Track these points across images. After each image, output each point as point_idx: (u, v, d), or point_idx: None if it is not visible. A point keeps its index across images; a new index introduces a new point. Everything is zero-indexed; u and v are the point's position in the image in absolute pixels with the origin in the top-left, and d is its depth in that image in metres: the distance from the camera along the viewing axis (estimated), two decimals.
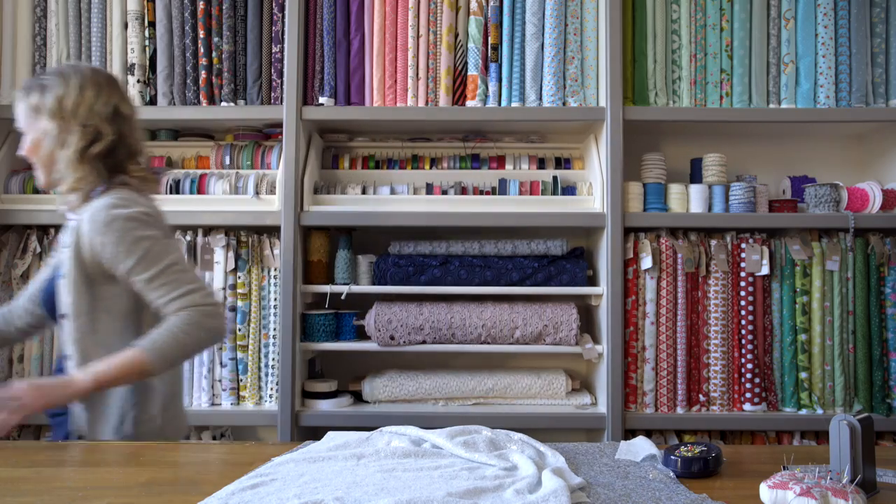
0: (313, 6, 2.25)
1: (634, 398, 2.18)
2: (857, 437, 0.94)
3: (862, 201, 2.21)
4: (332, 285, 2.23)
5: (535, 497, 0.94)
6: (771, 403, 2.17)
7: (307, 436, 2.09)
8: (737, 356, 2.17)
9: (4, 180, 2.28)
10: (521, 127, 2.37)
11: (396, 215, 2.20)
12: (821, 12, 2.20)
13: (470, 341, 2.19)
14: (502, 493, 0.96)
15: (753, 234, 2.21)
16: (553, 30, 2.20)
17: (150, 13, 2.26)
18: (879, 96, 2.23)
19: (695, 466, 1.09)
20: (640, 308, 2.18)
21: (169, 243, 1.37)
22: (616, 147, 2.16)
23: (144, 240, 1.32)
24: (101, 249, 1.32)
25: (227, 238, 2.20)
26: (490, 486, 0.99)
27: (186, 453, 1.26)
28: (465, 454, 1.15)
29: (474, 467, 1.10)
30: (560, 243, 2.25)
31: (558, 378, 2.23)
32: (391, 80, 2.24)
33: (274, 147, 2.33)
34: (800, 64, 2.22)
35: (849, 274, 2.18)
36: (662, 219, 2.20)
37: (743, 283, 2.17)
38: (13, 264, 2.23)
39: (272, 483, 1.02)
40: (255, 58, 2.23)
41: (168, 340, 1.28)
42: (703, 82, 2.23)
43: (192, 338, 1.30)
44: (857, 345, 2.16)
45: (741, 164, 2.48)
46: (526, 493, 0.96)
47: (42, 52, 2.30)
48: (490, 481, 1.01)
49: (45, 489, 0.98)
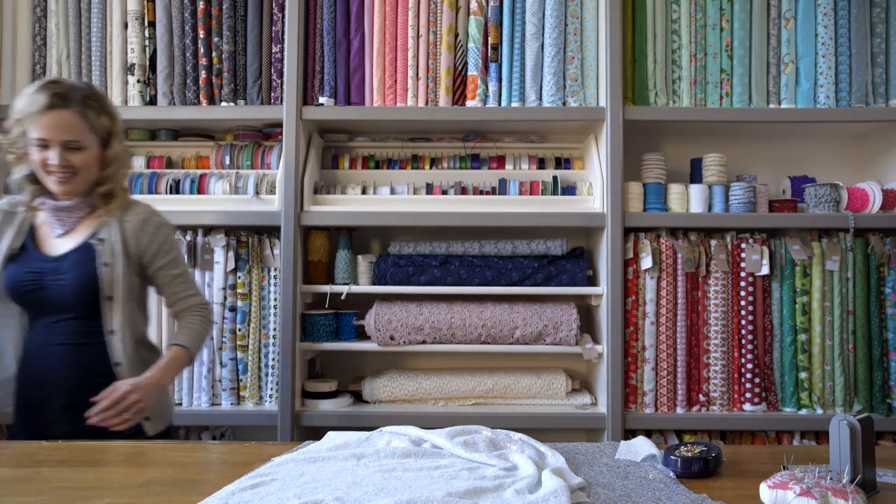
0: (313, 6, 2.25)
1: (634, 398, 2.18)
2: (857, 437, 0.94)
3: (862, 201, 2.21)
4: (332, 285, 2.23)
5: (535, 497, 0.94)
6: (771, 403, 2.17)
7: (307, 436, 2.09)
8: (737, 356, 2.17)
9: (4, 180, 2.28)
10: (521, 127, 2.37)
11: (396, 215, 2.20)
12: (821, 12, 2.20)
13: (470, 341, 2.19)
14: (502, 493, 0.96)
15: (753, 234, 2.21)
16: (553, 30, 2.20)
17: (150, 13, 2.26)
18: (879, 96, 2.23)
19: (695, 466, 1.09)
20: (640, 308, 2.18)
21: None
22: (616, 147, 2.16)
23: (176, 245, 1.68)
24: (146, 247, 1.61)
25: (227, 238, 2.20)
26: (490, 486, 0.99)
27: (186, 453, 1.26)
28: (465, 454, 1.15)
29: (474, 467, 1.10)
30: (560, 243, 2.25)
31: (558, 378, 2.23)
32: (391, 80, 2.24)
33: (274, 147, 2.33)
34: (800, 64, 2.22)
35: (849, 274, 2.18)
36: (662, 219, 2.20)
37: (743, 283, 2.17)
38: None
39: (272, 483, 1.02)
40: (255, 58, 2.23)
41: (198, 339, 1.64)
42: (703, 82, 2.23)
43: (208, 333, 1.69)
44: (857, 345, 2.16)
45: (741, 164, 2.48)
46: (526, 493, 0.96)
47: (42, 52, 2.30)
48: (490, 481, 1.01)
49: (45, 489, 0.98)
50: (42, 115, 1.48)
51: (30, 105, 1.48)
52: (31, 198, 1.58)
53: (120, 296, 1.56)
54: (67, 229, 1.58)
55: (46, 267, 1.53)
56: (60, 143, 1.49)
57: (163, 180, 2.28)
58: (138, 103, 2.25)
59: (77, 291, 1.52)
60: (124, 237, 1.59)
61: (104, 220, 1.59)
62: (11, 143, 1.54)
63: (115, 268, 1.56)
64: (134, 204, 1.65)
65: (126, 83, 2.26)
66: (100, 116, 1.55)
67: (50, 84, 1.51)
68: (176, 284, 1.65)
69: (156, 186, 2.27)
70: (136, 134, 2.42)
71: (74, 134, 1.51)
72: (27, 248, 1.57)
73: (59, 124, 1.49)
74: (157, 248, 1.62)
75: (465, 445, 1.17)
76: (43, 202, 1.57)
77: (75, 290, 1.52)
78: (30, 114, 1.48)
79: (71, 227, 1.58)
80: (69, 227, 1.58)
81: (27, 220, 1.59)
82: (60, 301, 1.52)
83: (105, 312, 1.55)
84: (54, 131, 1.49)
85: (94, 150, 1.55)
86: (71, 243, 1.57)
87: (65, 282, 1.52)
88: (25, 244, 1.57)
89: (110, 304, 1.55)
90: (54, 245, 1.57)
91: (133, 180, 2.28)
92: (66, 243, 1.57)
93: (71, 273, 1.53)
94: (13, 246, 1.56)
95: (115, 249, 1.56)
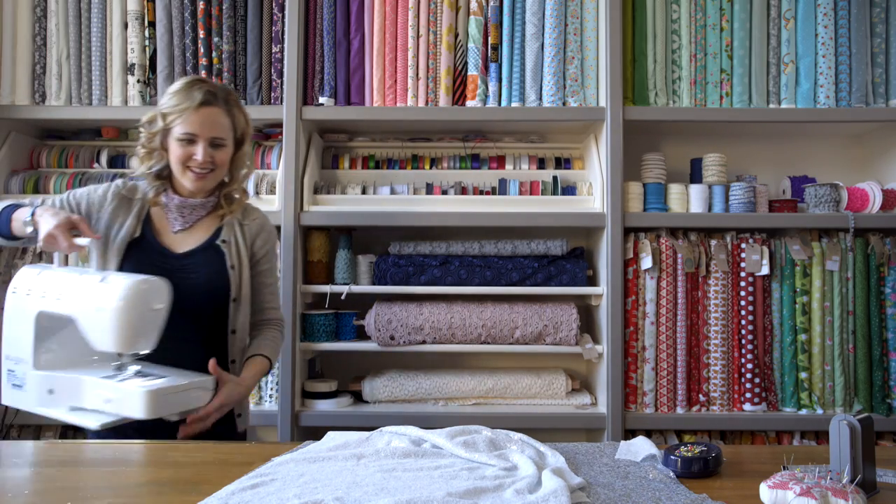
0: (313, 6, 2.25)
1: (634, 398, 2.18)
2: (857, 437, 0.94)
3: (862, 201, 2.21)
4: (332, 285, 2.23)
5: (535, 497, 0.94)
6: (771, 403, 2.17)
7: (307, 436, 2.08)
8: (737, 356, 2.17)
9: (4, 180, 2.28)
10: (521, 127, 2.37)
11: (396, 215, 2.20)
12: (821, 12, 2.20)
13: (470, 341, 2.19)
14: (502, 493, 0.96)
15: (753, 234, 2.21)
16: (553, 30, 2.20)
17: (150, 13, 2.26)
18: (879, 96, 2.23)
19: (695, 466, 1.09)
20: (640, 308, 2.18)
21: None
22: (616, 147, 2.16)
23: (277, 256, 1.75)
24: (258, 249, 1.65)
25: None
26: (490, 485, 0.99)
27: (186, 453, 1.26)
28: (464, 454, 1.15)
29: (474, 467, 1.10)
30: (560, 243, 2.25)
31: (558, 378, 2.23)
32: (391, 80, 2.24)
33: (274, 147, 2.33)
34: (800, 64, 2.22)
35: (849, 274, 2.18)
36: (662, 219, 2.20)
37: (743, 283, 2.17)
38: (13, 264, 2.23)
39: (272, 483, 1.02)
40: (255, 58, 2.23)
41: (278, 353, 1.67)
42: (703, 82, 2.23)
43: (281, 349, 1.72)
44: (857, 345, 2.16)
45: (741, 164, 2.48)
46: (526, 493, 0.96)
47: (42, 52, 2.30)
48: (490, 481, 1.01)
49: (45, 489, 0.98)
50: (196, 111, 1.50)
51: (183, 101, 1.50)
52: (156, 193, 1.59)
53: (243, 298, 1.60)
54: (187, 226, 1.59)
55: (172, 263, 1.54)
56: (208, 139, 1.52)
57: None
58: (138, 103, 2.25)
59: (207, 291, 1.55)
60: (245, 241, 1.63)
61: (225, 221, 1.62)
62: (150, 138, 1.55)
63: (241, 271, 1.60)
64: (251, 208, 1.70)
65: (126, 83, 2.26)
66: (240, 116, 1.59)
67: (200, 82, 1.54)
68: (266, 294, 1.67)
69: None
70: (136, 134, 2.42)
71: (221, 131, 1.54)
72: (146, 237, 1.56)
73: (209, 121, 1.52)
74: (264, 255, 1.66)
75: (465, 445, 1.17)
76: (172, 198, 1.59)
77: (206, 290, 1.55)
78: (182, 109, 1.50)
79: (190, 225, 1.59)
80: (189, 224, 1.59)
81: (145, 209, 1.59)
82: (188, 298, 1.50)
83: (230, 313, 1.59)
84: (204, 127, 1.51)
85: (230, 150, 1.58)
86: (193, 241, 1.58)
87: (195, 281, 1.53)
88: (144, 233, 1.56)
89: (236, 305, 1.59)
90: (175, 240, 1.58)
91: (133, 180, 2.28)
92: (187, 240, 1.58)
93: (200, 273, 1.55)
94: (133, 233, 1.55)
95: (240, 253, 1.61)
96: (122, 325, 1.29)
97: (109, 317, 1.29)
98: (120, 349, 1.33)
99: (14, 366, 1.39)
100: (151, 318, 1.35)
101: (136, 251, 1.54)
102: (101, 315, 1.30)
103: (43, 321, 1.37)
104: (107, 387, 1.29)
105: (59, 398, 1.34)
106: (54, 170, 2.35)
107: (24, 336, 1.37)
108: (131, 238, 1.54)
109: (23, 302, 1.39)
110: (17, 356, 1.39)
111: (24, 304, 1.39)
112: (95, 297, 1.32)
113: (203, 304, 1.55)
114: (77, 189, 1.61)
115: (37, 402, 1.35)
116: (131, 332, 1.31)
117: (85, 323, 1.33)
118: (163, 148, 1.56)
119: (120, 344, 1.31)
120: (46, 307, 1.36)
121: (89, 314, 1.32)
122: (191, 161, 1.52)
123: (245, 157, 1.65)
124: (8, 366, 1.41)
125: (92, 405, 1.30)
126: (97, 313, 1.31)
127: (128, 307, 1.30)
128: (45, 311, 1.36)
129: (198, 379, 1.39)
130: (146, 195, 1.60)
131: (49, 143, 2.45)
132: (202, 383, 1.40)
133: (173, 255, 1.55)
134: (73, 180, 2.28)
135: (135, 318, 1.31)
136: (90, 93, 2.27)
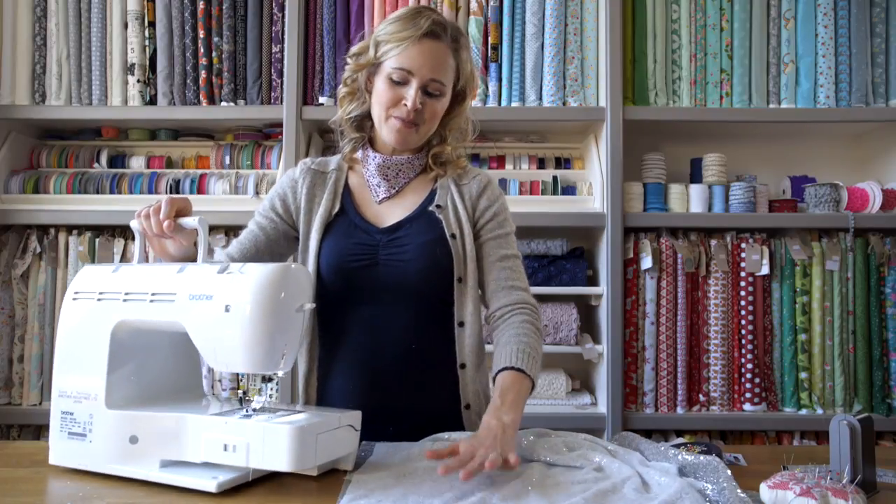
0: (313, 6, 2.25)
1: (634, 398, 2.18)
2: (857, 437, 0.94)
3: (862, 201, 2.21)
4: None
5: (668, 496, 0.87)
6: (771, 403, 2.17)
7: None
8: (737, 356, 2.17)
9: (4, 180, 2.28)
10: (520, 127, 2.37)
11: None
12: (821, 12, 2.20)
13: None
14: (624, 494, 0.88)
15: (753, 234, 2.21)
16: (553, 30, 2.20)
17: (150, 13, 2.26)
18: (879, 96, 2.23)
19: None
20: (640, 308, 2.18)
21: None
22: (616, 147, 2.16)
23: (512, 224, 1.32)
24: (481, 213, 1.29)
25: (227, 238, 2.20)
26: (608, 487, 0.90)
27: None
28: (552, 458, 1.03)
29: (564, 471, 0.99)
30: (560, 243, 2.25)
31: (558, 378, 2.23)
32: None
33: (274, 147, 2.33)
34: (800, 64, 2.22)
35: (849, 274, 2.18)
36: (662, 219, 2.20)
37: (743, 283, 2.17)
38: (13, 264, 2.23)
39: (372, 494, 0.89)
40: (255, 58, 2.23)
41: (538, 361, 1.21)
42: (703, 82, 2.23)
43: (542, 349, 1.25)
44: (857, 345, 2.16)
45: (741, 164, 2.48)
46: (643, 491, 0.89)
47: (42, 52, 2.30)
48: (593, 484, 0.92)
49: (46, 489, 0.98)
50: (416, 42, 1.19)
51: (404, 28, 1.20)
52: (352, 148, 1.32)
53: (470, 277, 1.25)
54: (391, 193, 1.29)
55: (378, 239, 1.24)
56: (424, 79, 1.20)
57: (163, 180, 2.28)
58: (138, 103, 2.25)
59: (421, 269, 1.22)
60: (465, 203, 1.28)
61: (440, 183, 1.30)
62: (356, 70, 1.26)
63: (463, 240, 1.25)
64: (471, 168, 1.36)
65: (126, 83, 2.26)
66: (467, 62, 1.27)
67: (428, 10, 1.24)
68: (502, 269, 1.26)
69: (156, 186, 2.27)
70: (136, 134, 2.42)
71: (442, 73, 1.22)
72: (347, 211, 1.28)
73: (431, 56, 1.20)
74: (492, 216, 1.29)
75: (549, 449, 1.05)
76: (373, 156, 1.29)
77: (419, 268, 1.22)
78: (401, 37, 1.19)
79: (396, 191, 1.30)
80: (395, 189, 1.29)
81: (341, 180, 1.32)
82: (398, 281, 1.22)
83: (455, 299, 1.24)
84: (424, 63, 1.19)
85: (445, 102, 1.26)
86: (401, 211, 1.28)
87: (406, 257, 1.22)
88: (344, 207, 1.29)
89: (462, 287, 1.24)
90: (378, 213, 1.28)
91: (133, 180, 2.28)
92: (394, 210, 1.28)
93: (412, 246, 1.23)
94: (331, 210, 1.28)
95: (460, 217, 1.26)
96: (257, 332, 0.92)
97: (239, 322, 0.92)
98: (254, 368, 0.95)
99: (73, 405, 0.99)
100: (296, 322, 0.98)
101: (334, 232, 1.26)
102: (225, 321, 0.93)
103: (122, 336, 0.99)
104: (227, 428, 0.91)
105: (148, 448, 0.95)
106: (54, 170, 2.35)
107: (94, 359, 0.98)
108: (330, 216, 1.27)
109: (91, 310, 1.01)
110: (80, 390, 0.99)
111: (93, 313, 1.01)
112: (216, 295, 0.94)
113: (418, 287, 1.23)
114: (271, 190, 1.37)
115: (111, 455, 0.97)
116: (269, 343, 0.93)
117: (198, 333, 0.95)
118: (366, 90, 1.27)
119: (254, 360, 0.94)
120: (130, 315, 0.98)
121: (206, 320, 0.94)
122: (397, 108, 1.21)
123: (462, 119, 1.32)
124: (63, 406, 1.01)
125: (199, 456, 0.92)
126: (219, 318, 0.93)
127: (267, 305, 0.93)
128: (129, 320, 0.98)
129: (347, 414, 0.98)
130: (340, 164, 1.33)
131: (49, 143, 2.45)
132: (351, 419, 0.99)
133: (378, 231, 1.25)
134: (73, 180, 2.28)
135: (279, 323, 0.94)
136: (90, 93, 2.27)
